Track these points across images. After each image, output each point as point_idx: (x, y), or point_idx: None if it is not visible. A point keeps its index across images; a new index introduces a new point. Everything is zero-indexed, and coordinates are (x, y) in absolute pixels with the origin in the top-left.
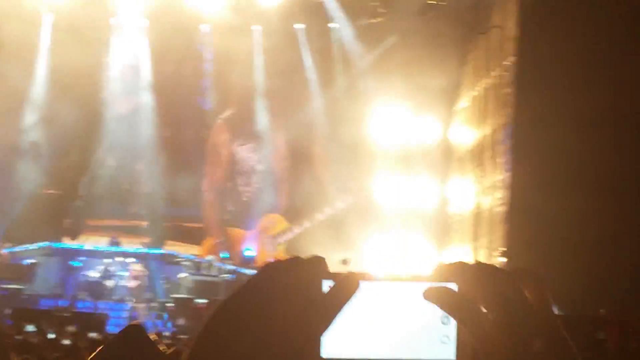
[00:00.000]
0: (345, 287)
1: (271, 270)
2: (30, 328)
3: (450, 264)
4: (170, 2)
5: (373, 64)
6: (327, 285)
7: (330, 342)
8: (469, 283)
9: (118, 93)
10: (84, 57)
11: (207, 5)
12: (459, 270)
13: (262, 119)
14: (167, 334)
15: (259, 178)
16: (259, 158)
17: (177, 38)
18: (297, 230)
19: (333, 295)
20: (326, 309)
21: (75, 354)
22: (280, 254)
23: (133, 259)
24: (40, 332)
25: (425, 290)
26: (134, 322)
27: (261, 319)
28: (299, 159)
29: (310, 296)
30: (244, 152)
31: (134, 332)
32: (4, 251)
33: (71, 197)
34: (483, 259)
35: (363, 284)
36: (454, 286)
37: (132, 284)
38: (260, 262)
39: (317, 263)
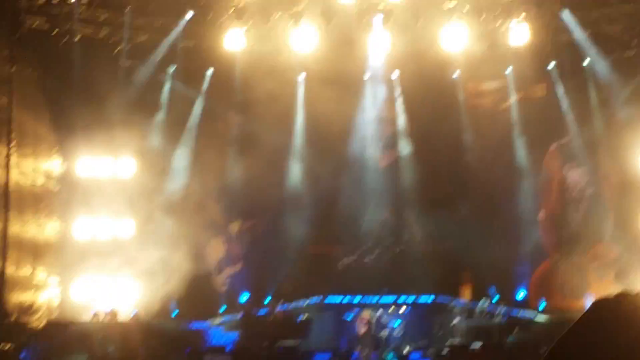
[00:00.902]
0: None
1: (601, 307)
2: None
3: None
4: (420, 50)
5: (630, 96)
6: None
7: None
8: None
9: (375, 144)
10: (338, 111)
11: (458, 49)
12: None
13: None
14: None
15: (587, 203)
16: (587, 182)
17: (429, 85)
18: (627, 257)
19: None
20: None
21: None
22: (609, 282)
23: (395, 307)
24: None
25: None
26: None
27: (596, 356)
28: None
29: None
30: (575, 176)
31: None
32: (278, 309)
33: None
34: None
35: None
36: None
37: (362, 330)
38: (594, 294)
39: None
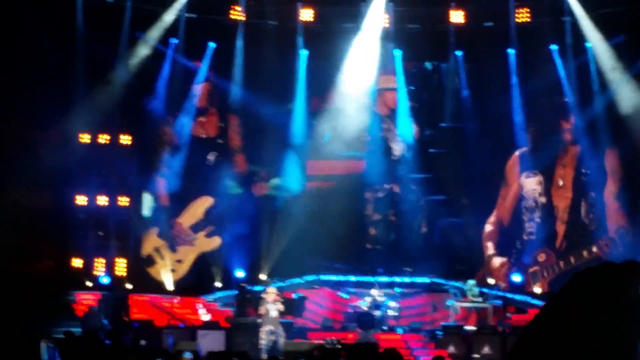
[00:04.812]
0: None
1: (584, 277)
2: None
3: None
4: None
5: (630, 80)
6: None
7: None
8: None
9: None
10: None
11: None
12: None
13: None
14: None
15: (541, 212)
16: (542, 191)
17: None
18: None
19: None
20: None
21: None
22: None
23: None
24: None
25: None
26: None
27: (577, 325)
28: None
29: (625, 300)
30: (530, 185)
31: None
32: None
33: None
34: None
35: None
36: None
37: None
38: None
39: (632, 267)
